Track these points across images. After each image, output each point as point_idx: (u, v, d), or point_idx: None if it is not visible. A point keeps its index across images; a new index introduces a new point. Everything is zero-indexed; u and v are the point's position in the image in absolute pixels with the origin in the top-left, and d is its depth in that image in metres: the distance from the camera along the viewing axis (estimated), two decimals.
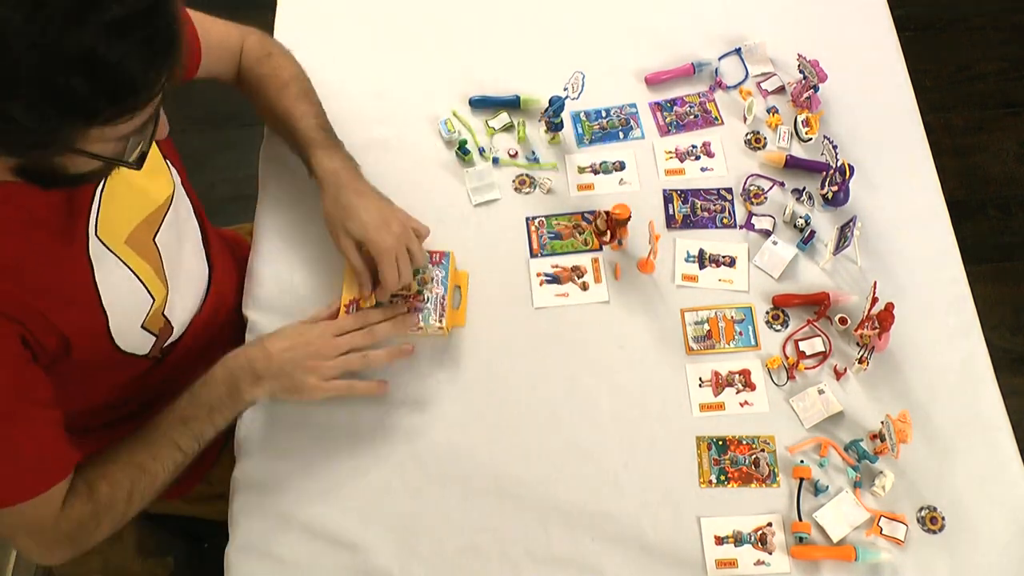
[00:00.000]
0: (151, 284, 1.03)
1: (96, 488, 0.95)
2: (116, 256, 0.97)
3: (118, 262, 0.98)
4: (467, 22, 1.43)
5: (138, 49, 0.69)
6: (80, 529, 0.95)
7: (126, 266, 0.99)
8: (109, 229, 0.96)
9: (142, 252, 1.02)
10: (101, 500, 0.95)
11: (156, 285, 1.04)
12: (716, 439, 1.09)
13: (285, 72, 1.21)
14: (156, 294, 1.04)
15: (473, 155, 1.29)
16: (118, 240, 0.98)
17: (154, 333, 1.07)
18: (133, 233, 1.00)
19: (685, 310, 1.17)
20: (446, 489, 1.08)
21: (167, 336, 1.10)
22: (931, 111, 1.39)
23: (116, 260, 0.98)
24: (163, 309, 1.07)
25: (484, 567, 1.04)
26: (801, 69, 1.29)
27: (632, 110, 1.33)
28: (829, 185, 1.22)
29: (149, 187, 1.04)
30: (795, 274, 1.20)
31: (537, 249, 1.22)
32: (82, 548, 0.98)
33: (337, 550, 1.05)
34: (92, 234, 0.94)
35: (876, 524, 1.03)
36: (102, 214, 0.95)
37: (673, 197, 1.26)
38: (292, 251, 1.23)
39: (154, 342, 1.07)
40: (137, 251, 1.01)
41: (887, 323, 1.08)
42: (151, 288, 1.03)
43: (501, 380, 1.14)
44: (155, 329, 1.06)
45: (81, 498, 0.94)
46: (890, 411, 1.06)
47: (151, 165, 1.05)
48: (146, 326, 1.04)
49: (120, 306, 0.98)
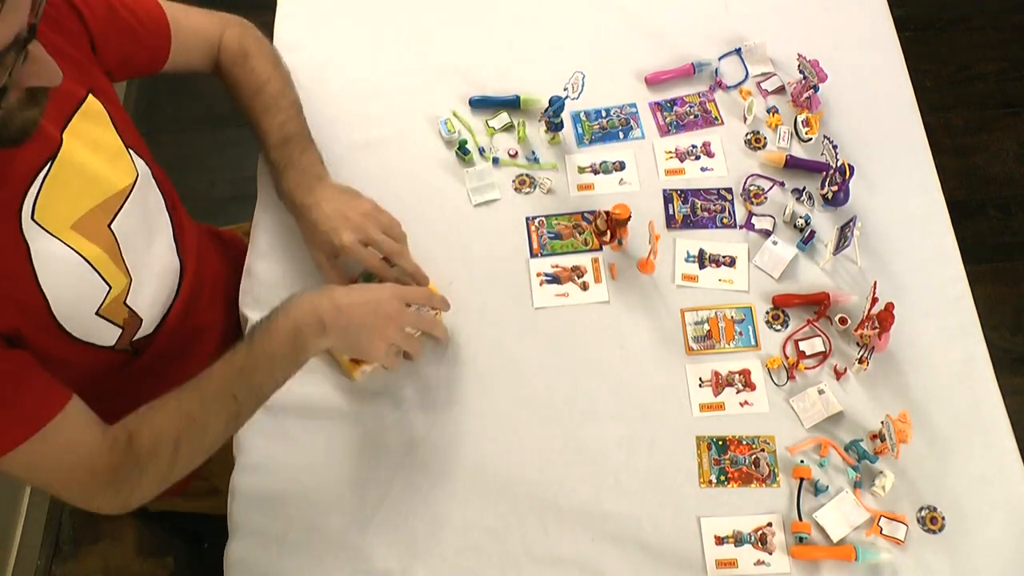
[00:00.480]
0: (106, 271, 1.01)
1: (138, 435, 0.93)
2: (59, 240, 0.96)
3: (61, 245, 0.96)
4: (467, 22, 1.43)
5: None
6: (119, 477, 0.93)
7: (72, 250, 0.97)
8: (51, 213, 0.94)
9: (93, 237, 1.00)
10: (142, 447, 0.93)
11: (112, 272, 1.02)
12: (716, 439, 1.09)
13: (257, 76, 1.21)
14: (113, 282, 1.02)
15: (473, 155, 1.29)
16: (62, 224, 0.96)
17: (117, 324, 1.05)
18: (83, 218, 0.98)
19: (685, 310, 1.17)
20: (446, 489, 1.08)
21: (134, 328, 1.09)
22: (931, 111, 1.39)
23: (59, 243, 0.96)
24: (124, 298, 1.05)
25: (484, 567, 1.04)
26: (801, 69, 1.29)
27: (632, 110, 1.33)
28: (829, 185, 1.22)
29: (106, 174, 1.02)
30: (795, 274, 1.20)
31: (537, 249, 1.22)
32: (130, 500, 0.95)
33: (337, 550, 1.05)
34: (27, 216, 0.92)
35: (876, 524, 1.03)
36: (42, 198, 0.93)
37: (673, 197, 1.26)
38: (291, 250, 1.23)
39: (120, 333, 1.06)
40: (87, 236, 0.99)
41: (887, 323, 1.08)
42: (106, 275, 1.01)
43: (501, 380, 1.14)
44: (118, 320, 1.05)
45: (119, 445, 0.93)
46: (890, 411, 1.06)
47: (110, 152, 1.04)
48: (104, 314, 1.02)
49: (63, 289, 0.96)
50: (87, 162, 0.99)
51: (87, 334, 1.02)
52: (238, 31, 1.23)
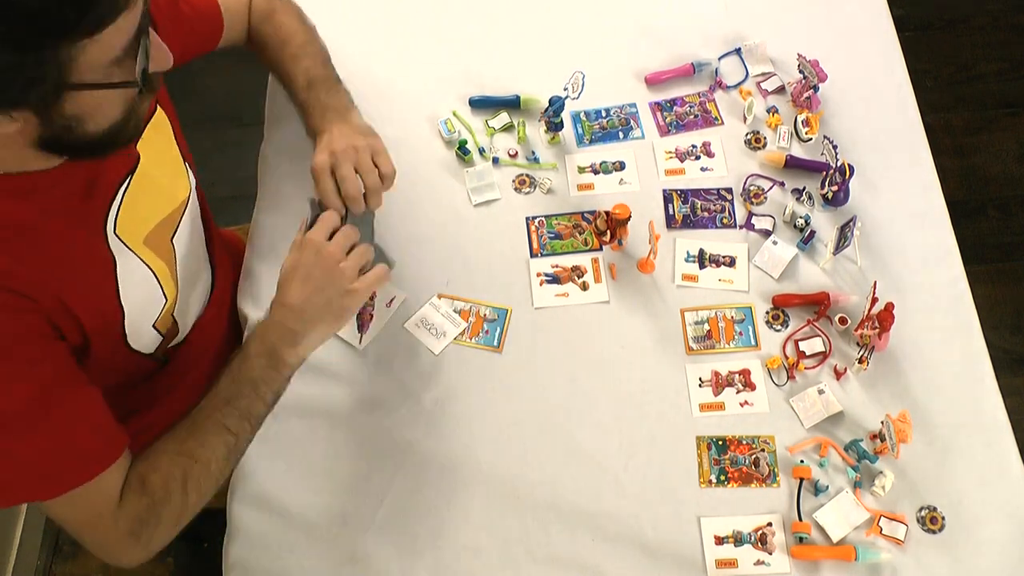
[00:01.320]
0: (166, 284, 1.03)
1: (148, 480, 0.93)
2: (135, 254, 0.97)
3: (138, 261, 0.98)
4: (467, 22, 1.43)
5: None
6: (140, 524, 0.92)
7: (145, 265, 0.99)
8: (129, 228, 0.96)
9: (160, 252, 1.02)
10: (155, 492, 0.93)
11: (170, 286, 1.05)
12: (716, 439, 1.09)
13: (284, 30, 1.23)
14: (169, 295, 1.05)
15: (473, 155, 1.29)
16: (137, 239, 0.98)
17: (162, 333, 1.07)
18: (152, 232, 1.00)
19: (685, 310, 1.17)
20: (446, 489, 1.08)
21: (172, 337, 1.11)
22: (931, 111, 1.39)
23: (135, 258, 0.98)
24: (173, 310, 1.08)
25: (484, 567, 1.04)
26: (801, 69, 1.29)
27: (632, 110, 1.33)
28: (829, 185, 1.22)
29: (171, 187, 1.05)
30: (795, 274, 1.20)
31: (537, 249, 1.22)
32: (149, 548, 0.94)
33: (337, 551, 1.05)
34: (111, 231, 0.94)
35: (876, 524, 1.03)
36: (123, 212, 0.95)
37: (673, 197, 1.26)
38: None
39: (160, 342, 1.07)
40: (155, 251, 1.01)
41: (887, 323, 1.08)
42: (166, 288, 1.03)
43: (501, 380, 1.14)
44: (163, 329, 1.07)
45: (135, 492, 0.92)
46: (890, 411, 1.06)
47: (174, 166, 1.06)
48: (156, 326, 1.05)
49: (137, 304, 0.98)
50: (157, 175, 1.00)
51: (140, 344, 1.03)
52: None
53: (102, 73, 0.75)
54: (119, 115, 0.81)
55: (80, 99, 0.76)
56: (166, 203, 1.04)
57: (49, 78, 0.72)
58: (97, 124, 0.80)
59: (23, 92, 0.72)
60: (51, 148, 0.81)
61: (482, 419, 1.12)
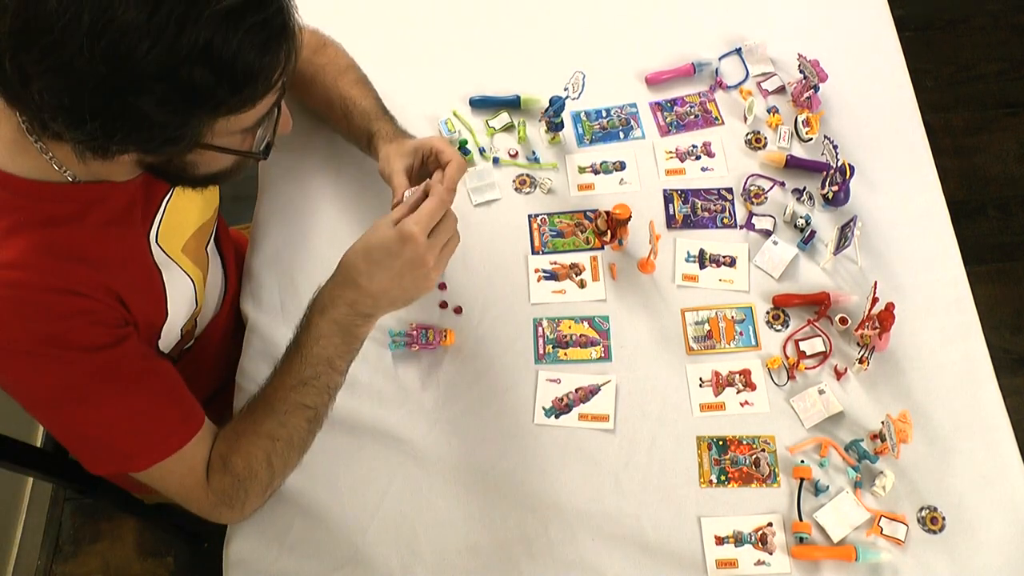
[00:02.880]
0: (199, 291, 1.08)
1: (230, 461, 0.98)
2: (176, 263, 1.02)
3: (179, 269, 1.02)
4: (468, 22, 1.43)
5: (252, 37, 0.73)
6: (229, 498, 0.99)
7: (185, 273, 1.03)
8: (168, 237, 1.00)
9: (196, 260, 1.06)
10: (239, 472, 0.98)
11: (201, 293, 1.09)
12: (716, 439, 1.09)
13: (342, 60, 1.25)
14: (200, 300, 1.09)
15: (473, 155, 1.29)
16: (175, 247, 1.02)
17: (182, 335, 1.10)
18: (188, 241, 1.04)
19: (685, 310, 1.17)
20: (446, 489, 1.08)
21: (189, 339, 1.14)
22: (931, 111, 1.39)
23: (177, 267, 1.02)
24: (199, 314, 1.11)
25: (484, 567, 1.04)
26: (801, 69, 1.29)
27: (632, 110, 1.33)
28: (829, 185, 1.22)
29: (208, 197, 1.09)
30: (795, 274, 1.20)
31: (539, 247, 1.22)
32: (244, 512, 1.02)
33: (337, 551, 1.05)
34: (153, 241, 0.98)
35: (876, 524, 1.03)
36: (165, 223, 0.99)
37: (673, 197, 1.26)
38: (291, 251, 1.24)
39: (177, 343, 1.10)
40: (192, 259, 1.05)
41: (887, 323, 1.08)
42: (199, 295, 1.08)
43: (500, 380, 1.14)
44: (184, 332, 1.10)
45: (218, 471, 0.98)
46: (890, 411, 1.06)
47: None
48: (182, 329, 1.08)
49: (178, 309, 1.03)
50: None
51: (165, 345, 1.06)
52: (309, 30, 1.25)
53: (230, 139, 0.82)
54: (228, 168, 0.88)
55: (202, 154, 0.82)
56: (202, 212, 1.08)
57: (185, 139, 0.78)
58: (207, 171, 0.87)
59: (160, 145, 0.77)
60: (154, 173, 0.88)
61: (482, 419, 1.12)
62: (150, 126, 0.74)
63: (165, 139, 0.76)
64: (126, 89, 0.70)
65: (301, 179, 1.29)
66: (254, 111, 0.79)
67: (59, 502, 1.86)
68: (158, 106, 0.72)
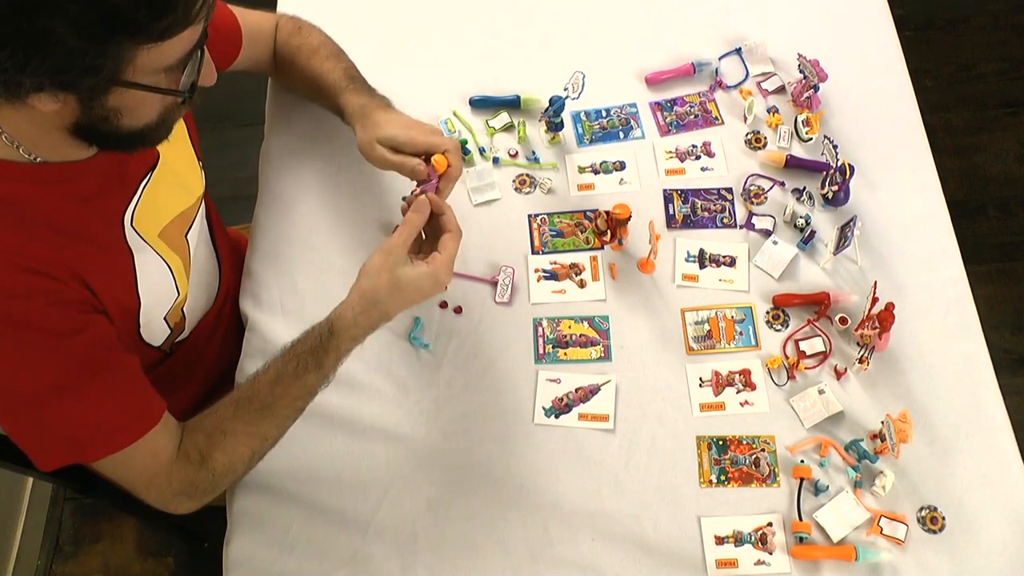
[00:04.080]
0: (179, 279, 1.06)
1: (211, 457, 0.97)
2: (151, 248, 1.00)
3: (154, 254, 1.01)
4: (468, 22, 1.43)
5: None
6: (195, 490, 0.98)
7: (161, 258, 1.02)
8: (146, 221, 0.99)
9: (175, 246, 1.05)
10: (218, 469, 0.97)
11: (183, 280, 1.07)
12: (716, 439, 1.09)
13: (315, 38, 1.25)
14: (181, 289, 1.07)
15: (473, 155, 1.29)
16: (152, 232, 1.00)
17: (170, 327, 1.09)
18: (167, 227, 1.03)
19: (685, 310, 1.17)
20: (446, 489, 1.08)
21: (179, 331, 1.13)
22: (931, 111, 1.38)
23: (152, 251, 1.00)
24: (183, 305, 1.10)
25: (484, 567, 1.04)
26: (801, 69, 1.29)
27: (632, 110, 1.33)
28: (829, 185, 1.22)
29: (187, 183, 1.08)
30: (795, 274, 1.20)
31: (539, 246, 1.22)
32: (202, 502, 1.00)
33: (337, 551, 1.05)
34: (127, 224, 0.96)
35: (876, 524, 1.03)
36: (141, 207, 0.98)
37: (673, 197, 1.26)
38: (291, 250, 1.24)
39: (168, 335, 1.09)
40: (170, 245, 1.04)
41: (887, 323, 1.08)
42: (179, 283, 1.06)
43: (500, 380, 1.14)
44: (172, 323, 1.09)
45: (194, 464, 0.96)
46: (890, 411, 1.06)
47: (190, 164, 1.09)
48: (167, 319, 1.07)
49: (152, 296, 1.01)
50: (175, 172, 1.03)
51: (150, 335, 1.06)
52: (288, 16, 1.27)
53: (152, 77, 0.79)
54: (155, 117, 0.85)
55: (125, 96, 0.79)
56: (182, 199, 1.06)
57: (105, 71, 0.75)
58: (133, 121, 0.83)
59: (77, 77, 0.74)
60: (83, 135, 0.83)
61: (481, 418, 1.12)
62: (66, 52, 0.71)
63: (83, 68, 0.73)
64: (37, 9, 0.68)
65: (301, 179, 1.29)
66: (175, 45, 0.77)
67: (59, 502, 1.87)
68: (72, 29, 0.69)
